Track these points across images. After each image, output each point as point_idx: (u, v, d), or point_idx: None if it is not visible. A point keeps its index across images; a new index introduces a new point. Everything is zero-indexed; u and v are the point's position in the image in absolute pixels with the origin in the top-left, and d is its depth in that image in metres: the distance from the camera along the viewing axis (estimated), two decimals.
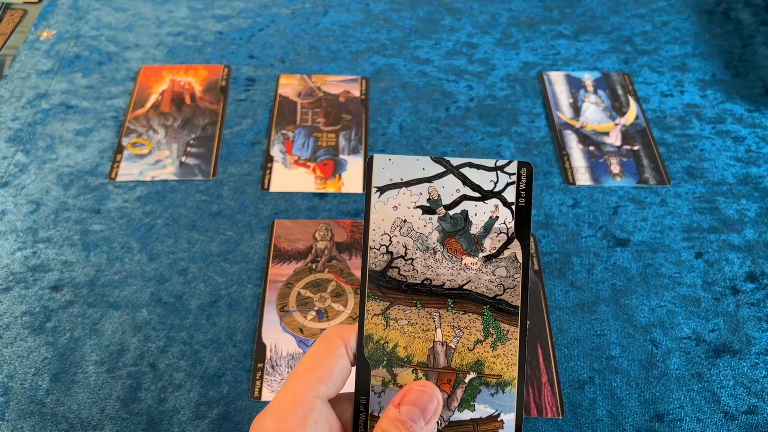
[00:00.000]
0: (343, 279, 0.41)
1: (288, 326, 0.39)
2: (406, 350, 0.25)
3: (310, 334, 0.39)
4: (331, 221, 0.42)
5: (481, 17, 0.66)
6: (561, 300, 0.45)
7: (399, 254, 0.25)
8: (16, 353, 0.42)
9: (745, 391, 0.41)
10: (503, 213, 0.25)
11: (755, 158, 0.54)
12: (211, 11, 0.66)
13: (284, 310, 0.39)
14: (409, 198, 0.25)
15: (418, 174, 0.25)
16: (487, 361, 0.25)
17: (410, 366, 0.25)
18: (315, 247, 0.42)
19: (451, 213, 0.25)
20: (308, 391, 0.24)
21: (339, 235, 0.43)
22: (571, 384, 0.41)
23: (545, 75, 0.61)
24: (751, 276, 0.47)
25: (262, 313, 0.39)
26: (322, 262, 0.42)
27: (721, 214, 0.50)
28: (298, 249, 0.42)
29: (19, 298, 0.44)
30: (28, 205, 0.50)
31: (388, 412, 0.24)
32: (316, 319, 0.39)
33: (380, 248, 0.25)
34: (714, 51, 0.63)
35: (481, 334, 0.25)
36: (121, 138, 0.54)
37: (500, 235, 0.25)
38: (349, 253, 0.43)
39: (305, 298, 0.40)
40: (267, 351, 0.38)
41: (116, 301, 0.44)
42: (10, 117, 0.56)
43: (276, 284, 0.41)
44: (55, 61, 0.61)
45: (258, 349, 0.37)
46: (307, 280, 0.41)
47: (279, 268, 0.42)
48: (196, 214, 0.50)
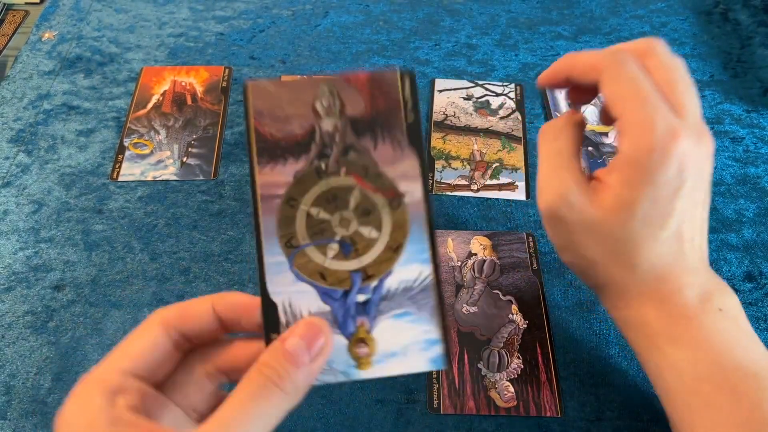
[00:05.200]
0: (369, 184, 0.25)
1: (302, 271, 0.24)
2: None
3: (336, 280, 0.25)
4: (336, 78, 0.25)
5: (481, 18, 0.67)
6: (560, 299, 0.45)
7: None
8: (18, 352, 0.42)
9: None
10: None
11: (753, 158, 0.55)
12: (212, 12, 0.67)
13: (292, 245, 0.25)
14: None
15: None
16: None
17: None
18: (319, 129, 0.25)
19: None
20: (105, 370, 0.23)
21: (353, 103, 0.25)
22: (569, 383, 0.41)
23: None
24: (749, 276, 0.47)
25: (261, 254, 0.24)
26: (333, 156, 0.25)
27: (719, 214, 0.51)
28: (294, 135, 0.25)
29: (21, 298, 0.45)
30: (30, 205, 0.50)
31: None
32: (341, 255, 0.25)
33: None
34: (712, 52, 0.63)
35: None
36: (122, 138, 0.55)
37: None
38: (372, 136, 0.25)
39: (319, 221, 0.25)
40: (280, 313, 0.24)
41: (118, 300, 0.45)
42: (12, 117, 0.56)
43: (271, 202, 0.25)
44: (56, 61, 0.61)
45: (267, 313, 0.24)
46: (317, 192, 0.25)
47: (270, 173, 0.25)
48: (197, 214, 0.50)
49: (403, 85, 0.25)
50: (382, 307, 0.25)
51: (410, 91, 0.25)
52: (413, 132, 0.25)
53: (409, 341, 0.24)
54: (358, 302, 0.25)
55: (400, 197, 0.25)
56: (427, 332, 0.24)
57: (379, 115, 0.25)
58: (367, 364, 0.24)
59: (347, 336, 0.24)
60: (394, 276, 0.25)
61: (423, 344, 0.24)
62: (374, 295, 0.25)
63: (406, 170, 0.25)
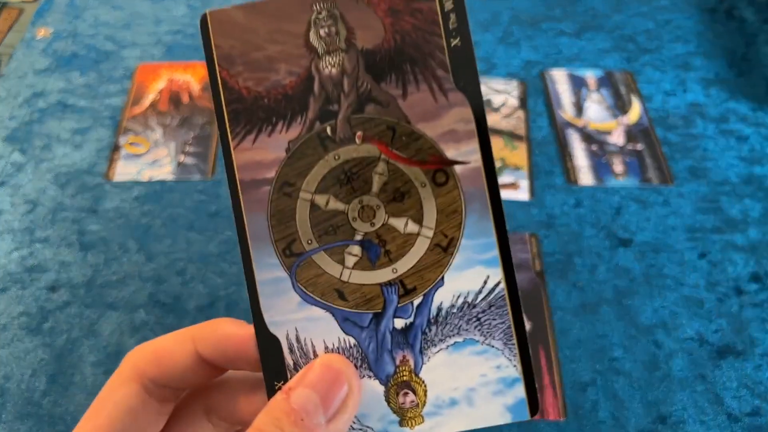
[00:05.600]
0: (399, 153, 0.17)
1: (311, 288, 0.17)
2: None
3: (361, 299, 0.17)
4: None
5: (483, 15, 0.66)
6: (563, 301, 0.45)
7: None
8: (13, 354, 0.41)
9: (749, 393, 0.40)
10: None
11: (759, 157, 0.54)
12: (209, 9, 0.66)
13: (293, 252, 0.17)
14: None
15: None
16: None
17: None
18: (318, 73, 0.17)
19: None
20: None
21: (364, 27, 0.16)
22: (573, 386, 0.40)
23: (547, 73, 0.60)
24: (754, 276, 0.46)
25: (250, 269, 0.18)
26: (343, 113, 0.17)
27: (724, 214, 0.50)
28: (282, 86, 0.17)
29: (16, 299, 0.44)
30: (25, 205, 0.49)
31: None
32: (366, 261, 0.17)
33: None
34: (717, 49, 0.63)
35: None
36: (118, 137, 0.54)
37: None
38: (399, 77, 0.17)
39: (330, 214, 0.17)
40: (284, 352, 0.17)
41: (114, 301, 0.44)
42: (7, 116, 0.56)
43: (257, 190, 0.17)
44: (51, 59, 0.60)
45: (266, 353, 0.17)
46: (322, 170, 0.17)
47: (252, 148, 0.17)
48: (194, 214, 0.49)
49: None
50: (431, 334, 0.17)
51: (453, 1, 0.16)
52: (461, 64, 0.16)
53: (476, 382, 0.17)
54: (396, 330, 0.17)
55: (448, 168, 0.17)
56: (500, 368, 0.17)
57: (406, 44, 0.16)
58: (416, 418, 0.17)
59: (383, 380, 0.17)
60: (446, 288, 0.17)
61: (495, 385, 0.17)
62: (418, 317, 0.17)
63: (454, 126, 0.17)
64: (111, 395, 0.18)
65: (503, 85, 0.59)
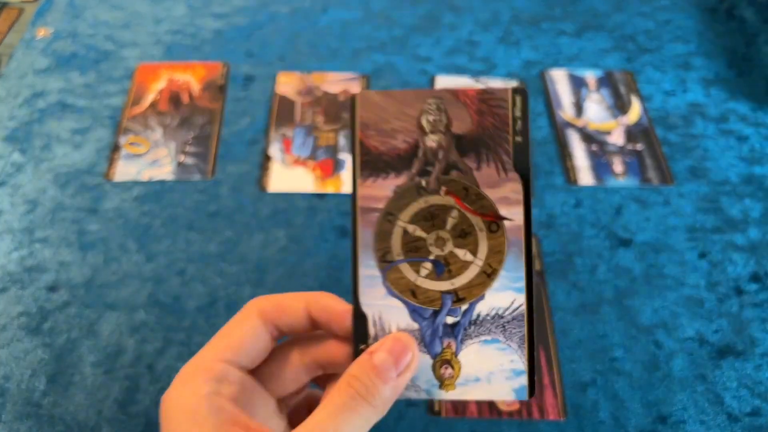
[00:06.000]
0: (469, 206, 0.25)
1: (394, 286, 0.25)
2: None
3: (427, 299, 0.25)
4: (445, 93, 0.25)
5: (483, 15, 0.66)
6: (563, 301, 0.45)
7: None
8: (13, 354, 0.41)
9: (749, 393, 0.40)
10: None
11: (759, 157, 0.54)
12: (209, 9, 0.66)
13: (387, 260, 0.25)
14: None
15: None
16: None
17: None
18: (423, 145, 0.25)
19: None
20: (211, 358, 0.23)
21: (459, 119, 0.25)
22: (573, 386, 0.40)
23: (547, 73, 0.60)
24: (755, 276, 0.46)
25: (356, 266, 0.25)
26: (435, 174, 0.25)
27: (724, 213, 0.50)
28: (398, 149, 0.25)
29: (16, 299, 0.44)
30: (25, 204, 0.49)
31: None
32: (434, 274, 0.25)
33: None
34: (717, 49, 0.63)
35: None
36: (118, 137, 0.54)
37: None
38: (476, 156, 0.25)
39: (415, 239, 0.25)
40: (369, 325, 0.25)
41: (113, 302, 0.44)
42: (7, 116, 0.56)
43: (370, 215, 0.25)
44: (51, 59, 0.60)
45: (357, 323, 0.25)
46: (415, 209, 0.25)
47: (372, 186, 0.25)
48: (194, 214, 0.49)
49: (514, 103, 0.24)
50: (470, 331, 0.24)
51: (521, 111, 0.24)
52: (520, 154, 0.24)
53: (495, 368, 0.24)
54: (447, 324, 0.25)
55: (499, 222, 0.24)
56: (513, 362, 0.24)
57: (485, 134, 0.24)
58: (450, 385, 0.24)
59: (433, 356, 0.25)
60: (485, 301, 0.24)
61: (508, 373, 0.24)
62: (463, 318, 0.25)
63: (509, 194, 0.24)
64: (240, 324, 0.24)
65: (503, 84, 0.59)
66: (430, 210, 0.25)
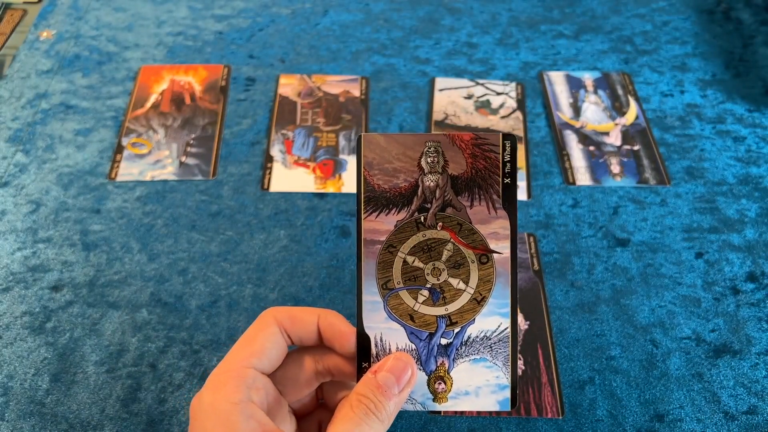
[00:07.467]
0: (462, 240, 0.28)
1: (394, 311, 0.28)
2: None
3: (423, 323, 0.28)
4: (442, 137, 0.27)
5: (482, 17, 0.66)
6: (561, 300, 0.45)
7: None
8: (16, 353, 0.42)
9: (746, 392, 0.41)
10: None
11: (755, 158, 0.54)
12: (210, 11, 0.66)
13: (388, 287, 0.28)
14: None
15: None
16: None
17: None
18: (422, 184, 0.27)
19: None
20: (239, 364, 0.25)
21: (455, 162, 0.27)
22: (571, 384, 0.41)
23: (545, 75, 0.61)
24: (751, 276, 0.47)
25: (360, 293, 0.28)
26: (432, 211, 0.28)
27: (721, 214, 0.50)
28: (399, 187, 0.27)
29: (19, 298, 0.44)
30: (28, 205, 0.50)
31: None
32: (430, 301, 0.28)
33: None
34: (714, 51, 0.63)
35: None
36: (120, 138, 0.54)
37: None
38: (470, 195, 0.28)
39: (414, 269, 0.28)
40: (372, 345, 0.28)
41: (116, 301, 0.44)
42: (10, 117, 0.56)
43: (373, 247, 0.28)
44: (54, 61, 0.61)
45: (360, 343, 0.27)
46: (414, 242, 0.28)
47: (375, 221, 0.28)
48: (195, 214, 0.50)
49: (504, 148, 0.27)
50: (461, 351, 0.28)
51: (510, 155, 0.27)
52: (508, 195, 0.27)
53: (482, 384, 0.28)
54: (441, 344, 0.28)
55: (489, 255, 0.27)
56: (498, 378, 0.28)
57: (477, 176, 0.27)
58: (443, 398, 0.28)
59: (428, 373, 0.28)
60: (475, 325, 0.27)
61: (494, 388, 0.28)
62: (456, 340, 0.28)
63: (497, 230, 0.27)
64: (261, 331, 0.26)
65: (501, 86, 0.59)
66: (428, 243, 0.27)
